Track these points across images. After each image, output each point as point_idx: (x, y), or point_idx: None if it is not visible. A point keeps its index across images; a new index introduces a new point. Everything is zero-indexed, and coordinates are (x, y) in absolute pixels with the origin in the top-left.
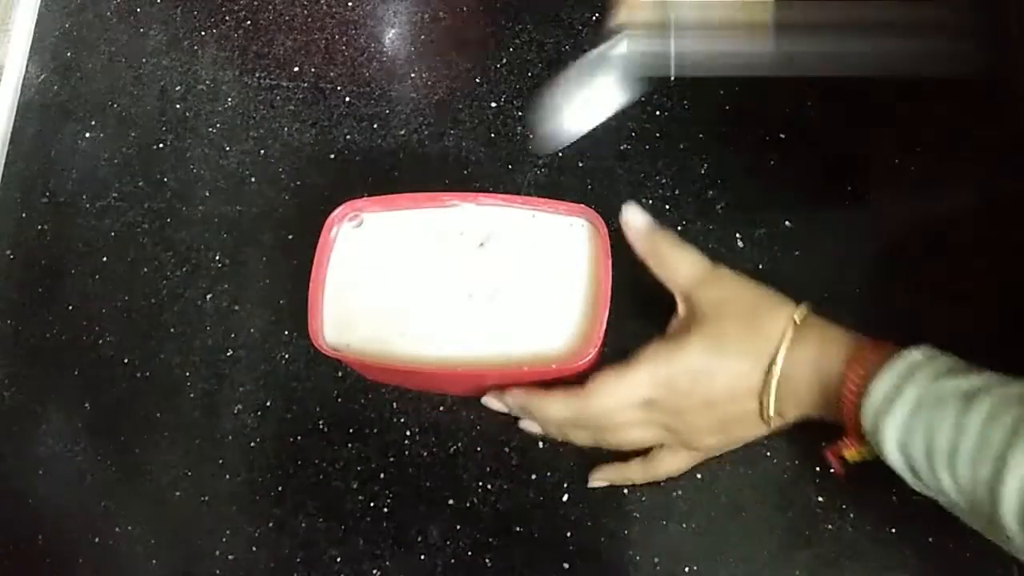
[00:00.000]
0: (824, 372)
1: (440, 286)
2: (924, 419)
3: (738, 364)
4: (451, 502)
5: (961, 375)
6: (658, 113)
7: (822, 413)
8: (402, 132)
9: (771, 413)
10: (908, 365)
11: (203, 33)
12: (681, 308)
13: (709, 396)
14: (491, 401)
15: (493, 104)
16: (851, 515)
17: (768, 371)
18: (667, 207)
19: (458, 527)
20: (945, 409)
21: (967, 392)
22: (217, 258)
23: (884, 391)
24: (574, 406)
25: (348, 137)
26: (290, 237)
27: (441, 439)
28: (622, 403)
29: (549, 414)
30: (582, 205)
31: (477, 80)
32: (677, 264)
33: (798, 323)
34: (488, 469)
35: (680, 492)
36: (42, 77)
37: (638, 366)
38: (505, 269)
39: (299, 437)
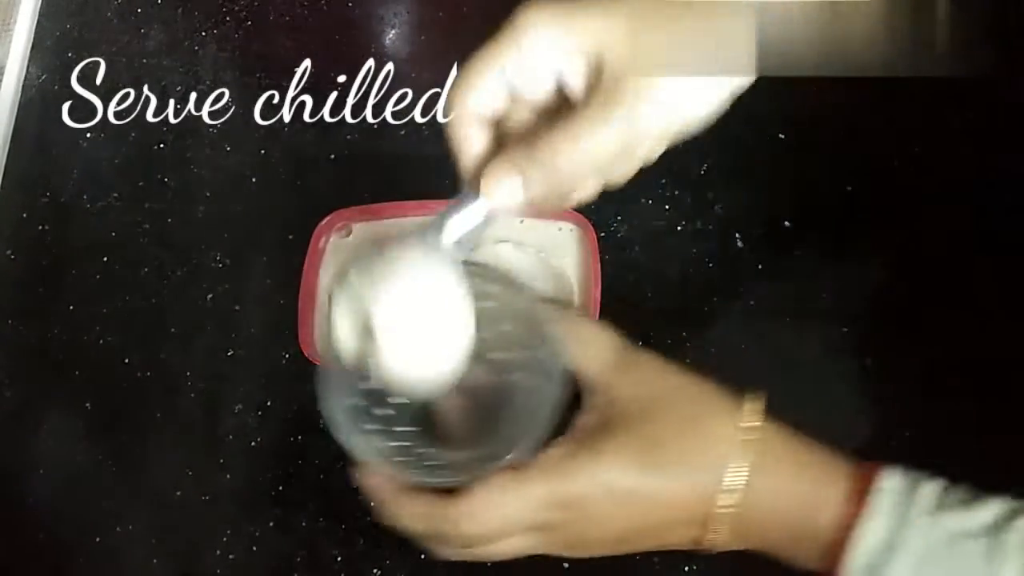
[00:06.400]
0: (806, 505)
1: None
2: (941, 573)
3: (679, 486)
4: None
5: (961, 507)
6: None
7: (787, 554)
8: (402, 132)
9: (714, 546)
10: (893, 502)
11: (203, 33)
12: (591, 402)
13: (634, 525)
14: (355, 476)
15: None
16: None
17: (719, 496)
18: (667, 207)
19: None
20: (965, 558)
21: (980, 531)
22: (217, 258)
23: (878, 538)
24: (438, 524)
25: (348, 137)
26: (290, 237)
27: None
28: (504, 530)
29: (402, 524)
30: (570, 210)
31: None
32: (586, 342)
33: (751, 427)
34: None
35: None
36: (42, 77)
37: (533, 481)
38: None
39: (299, 437)
